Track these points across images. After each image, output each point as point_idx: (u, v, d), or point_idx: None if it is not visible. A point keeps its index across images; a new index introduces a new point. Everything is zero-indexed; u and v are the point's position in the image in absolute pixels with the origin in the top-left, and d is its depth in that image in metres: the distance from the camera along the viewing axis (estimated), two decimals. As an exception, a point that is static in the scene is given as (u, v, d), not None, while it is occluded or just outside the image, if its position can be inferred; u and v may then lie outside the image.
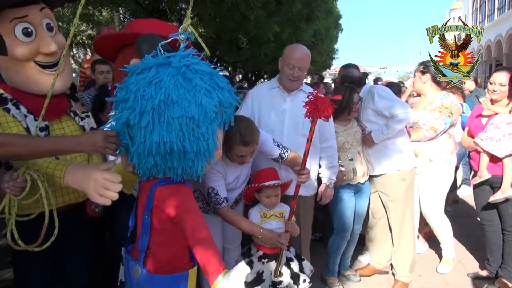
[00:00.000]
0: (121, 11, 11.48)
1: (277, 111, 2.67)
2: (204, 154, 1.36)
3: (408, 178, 3.07)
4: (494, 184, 3.01)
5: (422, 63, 3.36)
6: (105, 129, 1.54)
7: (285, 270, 2.23)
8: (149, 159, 1.37)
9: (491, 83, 3.08)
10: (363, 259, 3.57)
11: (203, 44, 1.52)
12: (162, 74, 1.28)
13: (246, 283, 1.36)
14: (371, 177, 3.14)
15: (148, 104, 1.27)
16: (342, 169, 2.94)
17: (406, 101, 3.70)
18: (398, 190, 3.07)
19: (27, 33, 1.70)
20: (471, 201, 4.47)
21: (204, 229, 1.44)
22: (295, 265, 2.26)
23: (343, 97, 2.91)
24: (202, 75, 1.32)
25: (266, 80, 19.44)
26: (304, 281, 2.25)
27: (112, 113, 1.82)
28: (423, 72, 3.24)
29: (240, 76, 18.43)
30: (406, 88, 4.88)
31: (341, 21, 21.59)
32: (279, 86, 2.71)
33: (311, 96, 1.96)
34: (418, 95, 3.49)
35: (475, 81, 5.46)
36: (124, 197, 1.78)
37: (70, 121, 1.93)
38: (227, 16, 8.78)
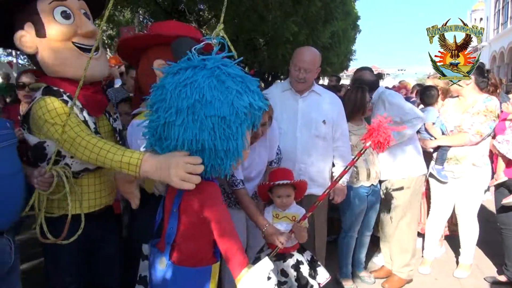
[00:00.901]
0: (140, 12, 11.69)
1: (290, 112, 2.72)
2: (233, 153, 1.42)
3: (413, 185, 3.12)
4: (511, 187, 3.00)
5: None
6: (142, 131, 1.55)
7: (291, 272, 2.21)
8: None
9: None
10: (377, 261, 3.59)
11: (232, 48, 1.58)
12: (197, 76, 1.35)
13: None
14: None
15: (183, 103, 1.34)
16: (355, 169, 2.97)
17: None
18: (401, 197, 3.13)
19: (66, 16, 1.75)
20: (490, 206, 4.45)
21: (229, 225, 1.51)
22: (305, 269, 2.22)
23: (356, 98, 2.98)
24: (234, 78, 1.38)
25: (283, 82, 19.45)
26: (312, 287, 2.20)
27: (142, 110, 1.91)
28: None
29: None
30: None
31: (359, 22, 21.46)
32: (291, 88, 2.76)
33: (375, 123, 1.99)
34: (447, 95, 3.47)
35: (500, 82, 5.35)
36: (145, 195, 1.88)
37: (106, 120, 1.96)
38: (244, 17, 8.87)
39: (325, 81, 13.25)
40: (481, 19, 37.35)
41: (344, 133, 2.81)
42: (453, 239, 3.79)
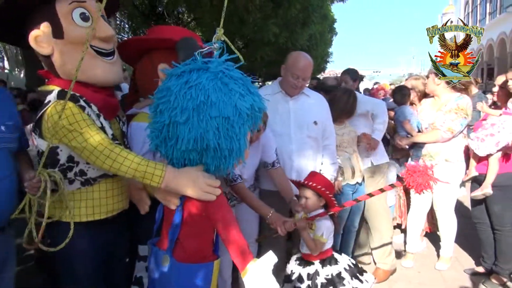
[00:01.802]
0: (117, 15, 11.53)
1: (282, 114, 2.77)
2: (236, 152, 1.49)
3: (376, 173, 3.30)
4: (481, 182, 3.15)
5: None
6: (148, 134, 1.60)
7: (305, 280, 2.24)
8: (185, 154, 1.50)
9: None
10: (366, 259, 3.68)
11: (236, 51, 1.64)
12: (202, 78, 1.41)
13: (273, 271, 1.48)
14: None
15: (189, 104, 1.39)
16: (340, 169, 3.06)
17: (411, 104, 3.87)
18: (369, 185, 3.27)
19: (84, 17, 1.71)
20: (466, 201, 4.65)
21: (233, 222, 1.58)
22: (321, 280, 2.20)
23: (348, 102, 3.07)
24: (236, 81, 1.46)
25: (260, 84, 19.60)
26: None
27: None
28: (437, 74, 3.35)
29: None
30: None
31: (335, 25, 21.84)
32: (281, 91, 2.80)
33: (411, 168, 2.10)
34: (425, 96, 3.61)
35: (476, 82, 5.54)
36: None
37: (117, 124, 1.93)
38: (225, 20, 8.89)
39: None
40: (451, 21, 38.51)
41: (331, 133, 2.91)
42: (434, 234, 3.96)
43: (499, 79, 3.36)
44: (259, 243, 2.71)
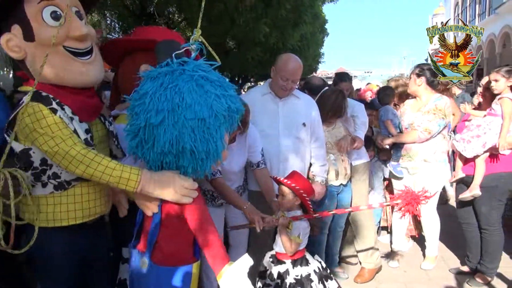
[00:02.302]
0: (108, 15, 11.46)
1: (270, 115, 2.77)
2: (213, 154, 1.49)
3: (357, 172, 3.31)
4: (468, 183, 3.16)
5: (418, 66, 3.50)
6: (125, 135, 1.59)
7: (274, 278, 2.27)
8: (161, 157, 1.49)
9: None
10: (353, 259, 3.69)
11: (213, 53, 1.63)
12: (178, 80, 1.41)
13: (249, 274, 1.48)
14: None
15: (164, 106, 1.39)
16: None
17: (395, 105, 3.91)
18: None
19: (55, 17, 1.60)
20: (452, 201, 4.69)
21: (210, 224, 1.57)
22: (290, 280, 2.22)
23: (336, 101, 3.07)
24: (213, 82, 1.45)
25: (252, 84, 19.61)
26: None
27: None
28: (418, 75, 3.36)
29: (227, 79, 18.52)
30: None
31: (326, 26, 21.90)
32: (270, 92, 2.80)
33: (402, 193, 2.21)
34: (413, 96, 3.62)
35: (460, 83, 5.58)
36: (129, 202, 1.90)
37: (100, 124, 1.86)
38: (215, 21, 8.90)
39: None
40: (442, 22, 38.89)
41: (320, 135, 2.92)
42: (419, 236, 3.99)
43: (483, 80, 3.39)
44: (248, 245, 2.73)
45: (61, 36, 1.61)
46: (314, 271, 2.27)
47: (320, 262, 2.37)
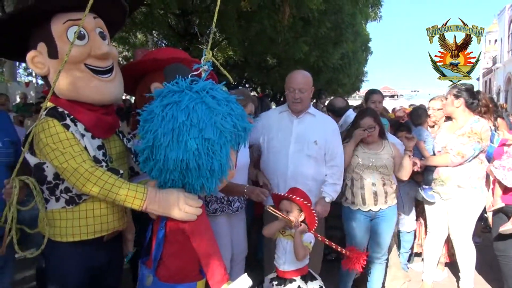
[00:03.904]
0: (155, 34, 12.04)
1: (284, 132, 2.84)
2: (217, 172, 1.50)
3: None
4: (509, 214, 2.93)
5: (455, 87, 3.35)
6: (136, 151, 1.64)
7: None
8: (167, 174, 1.52)
9: None
10: None
11: (225, 72, 1.67)
12: (184, 98, 1.44)
13: None
14: None
15: (169, 125, 1.42)
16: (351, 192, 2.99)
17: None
18: None
19: (79, 36, 1.66)
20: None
21: (212, 242, 1.58)
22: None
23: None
24: (220, 101, 1.47)
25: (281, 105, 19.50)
26: None
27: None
28: (456, 96, 3.21)
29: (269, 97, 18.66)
30: None
31: (370, 44, 21.57)
32: (287, 110, 2.90)
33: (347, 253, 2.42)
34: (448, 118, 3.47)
35: (501, 107, 5.31)
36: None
37: (118, 141, 1.91)
38: (255, 40, 9.08)
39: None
40: (495, 40, 37.21)
41: (337, 153, 2.86)
42: (455, 264, 3.74)
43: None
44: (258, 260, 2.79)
45: (83, 54, 1.70)
46: (321, 286, 2.26)
47: (320, 281, 2.33)
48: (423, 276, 3.52)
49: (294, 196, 2.20)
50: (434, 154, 3.40)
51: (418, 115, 3.71)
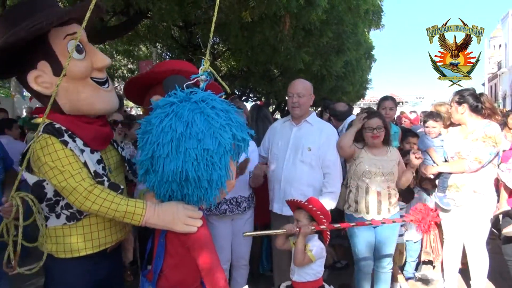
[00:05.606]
0: (158, 46, 12.16)
1: (284, 139, 3.02)
2: (216, 183, 1.48)
3: None
4: None
5: (457, 93, 3.24)
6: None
7: None
8: (166, 186, 1.51)
9: None
10: None
11: (222, 82, 1.67)
12: (183, 109, 1.43)
13: None
14: None
15: (168, 136, 1.41)
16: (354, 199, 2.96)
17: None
18: None
19: (78, 50, 1.66)
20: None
21: (212, 253, 1.56)
22: None
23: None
24: (218, 111, 1.46)
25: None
26: None
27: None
28: (459, 103, 3.14)
29: (274, 106, 18.67)
30: None
31: (374, 51, 21.59)
32: (290, 120, 3.08)
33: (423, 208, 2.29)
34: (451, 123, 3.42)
35: (500, 111, 5.23)
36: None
37: (114, 150, 1.91)
38: (257, 49, 9.14)
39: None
40: (499, 45, 37.13)
41: (332, 161, 2.90)
42: (467, 270, 3.66)
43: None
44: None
45: (88, 68, 1.70)
46: None
47: None
48: (444, 284, 3.44)
49: (304, 202, 2.25)
50: (446, 161, 3.33)
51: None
